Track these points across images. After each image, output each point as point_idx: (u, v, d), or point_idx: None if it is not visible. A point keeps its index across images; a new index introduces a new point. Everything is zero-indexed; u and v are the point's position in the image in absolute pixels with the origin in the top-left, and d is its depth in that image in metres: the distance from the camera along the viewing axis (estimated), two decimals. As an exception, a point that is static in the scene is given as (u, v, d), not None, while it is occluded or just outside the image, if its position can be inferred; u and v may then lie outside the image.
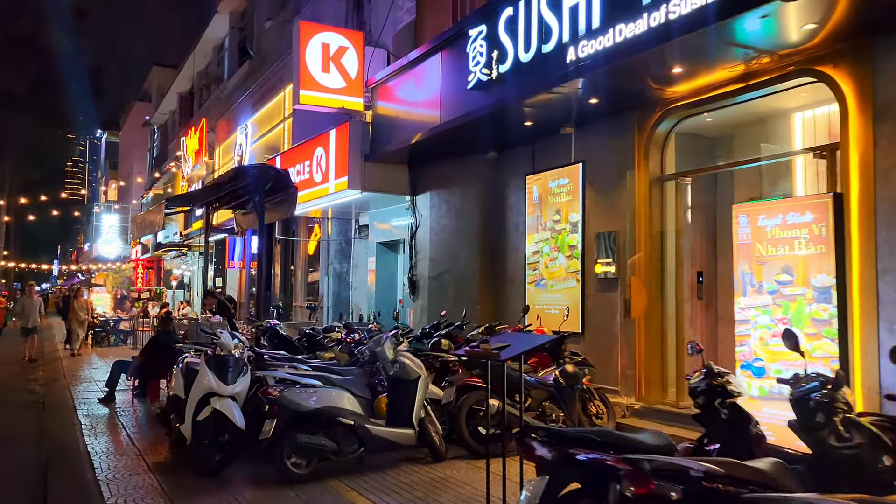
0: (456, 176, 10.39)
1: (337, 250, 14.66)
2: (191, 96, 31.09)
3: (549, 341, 4.93)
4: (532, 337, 5.72)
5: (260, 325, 9.50)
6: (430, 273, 10.63)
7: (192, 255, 25.55)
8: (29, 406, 10.02)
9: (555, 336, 5.33)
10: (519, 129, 8.88)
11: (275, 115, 15.51)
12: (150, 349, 9.60)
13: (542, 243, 8.98)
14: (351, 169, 10.61)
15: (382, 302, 12.94)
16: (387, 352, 6.22)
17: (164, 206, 9.47)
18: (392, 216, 12.49)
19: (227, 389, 5.95)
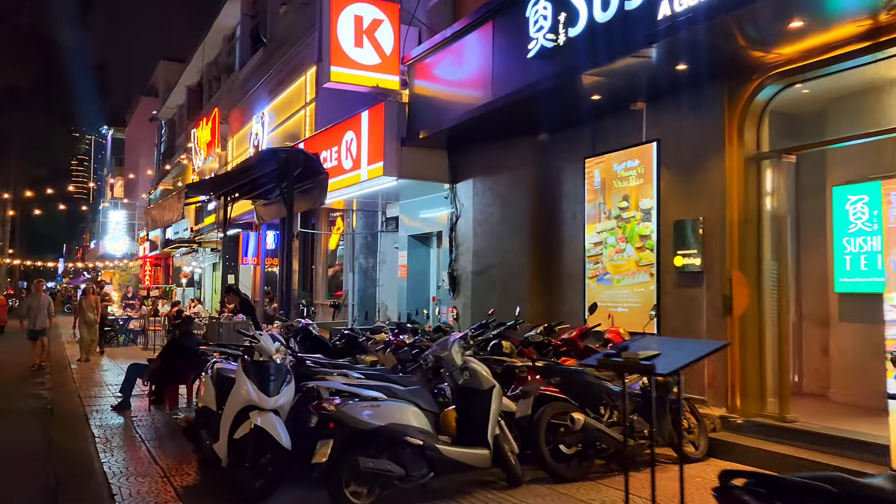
0: (502, 161, 9.46)
1: (362, 244, 13.74)
2: (200, 89, 30.25)
3: (716, 349, 3.90)
4: (691, 344, 4.72)
5: (290, 326, 8.59)
6: (474, 267, 9.70)
7: (203, 252, 24.67)
8: (35, 414, 9.13)
9: (723, 344, 4.33)
10: (579, 106, 7.93)
11: (295, 101, 14.60)
12: (168, 352, 8.70)
13: (606, 233, 8.04)
14: (386, 154, 9.68)
15: (414, 299, 12.03)
16: (455, 357, 5.30)
17: (183, 194, 8.56)
18: (424, 207, 11.57)
19: (270, 402, 5.04)
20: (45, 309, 13.66)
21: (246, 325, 9.70)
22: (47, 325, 13.78)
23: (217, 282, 24.50)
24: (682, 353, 3.28)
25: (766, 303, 6.44)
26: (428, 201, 11.40)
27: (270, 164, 9.04)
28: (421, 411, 4.94)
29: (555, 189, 8.96)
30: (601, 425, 5.55)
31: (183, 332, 8.94)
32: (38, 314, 13.52)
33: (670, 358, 3.14)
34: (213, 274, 25.83)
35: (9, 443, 7.56)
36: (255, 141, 16.68)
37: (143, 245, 35.63)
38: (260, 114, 16.76)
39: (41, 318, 13.55)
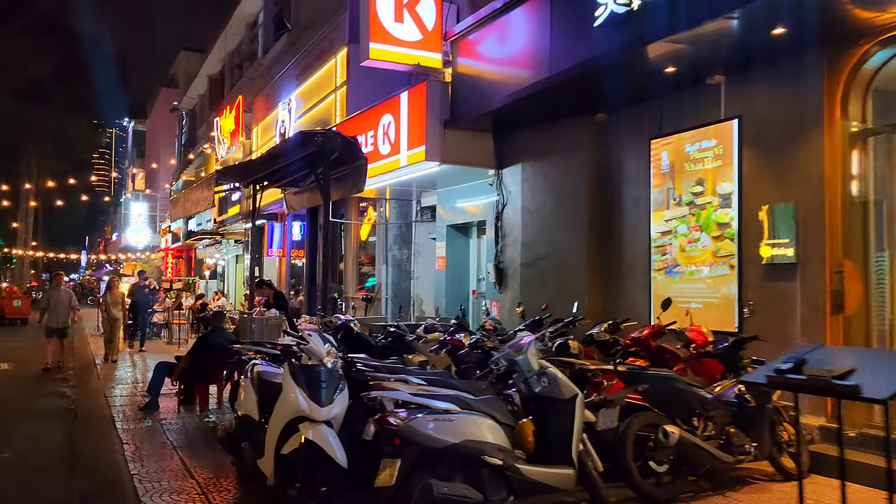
0: (555, 144, 8.74)
1: (396, 235, 13.10)
2: (221, 78, 29.77)
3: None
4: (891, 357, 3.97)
5: (328, 322, 7.96)
6: (523, 259, 9.01)
7: (226, 244, 24.19)
8: (58, 415, 8.60)
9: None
10: (646, 81, 7.21)
11: (324, 86, 13.95)
12: (198, 349, 8.12)
13: (677, 221, 7.30)
14: (429, 137, 9.00)
15: (452, 293, 11.38)
16: (531, 361, 4.62)
17: (213, 181, 7.95)
18: (464, 195, 10.89)
19: (322, 412, 4.40)
20: (67, 304, 12.14)
21: (278, 321, 9.10)
22: (70, 323, 12.26)
23: (241, 274, 24.02)
24: (885, 368, 2.57)
25: (872, 298, 5.69)
26: (468, 189, 10.72)
27: (304, 148, 8.38)
28: (498, 425, 4.27)
29: (614, 174, 8.23)
30: (697, 439, 4.86)
31: (213, 327, 8.35)
32: (58, 309, 12.02)
33: (877, 376, 2.44)
34: (236, 266, 25.38)
35: (30, 449, 7.01)
36: (282, 128, 16.07)
37: (165, 237, 35.34)
38: (286, 100, 16.14)
39: (62, 314, 12.04)
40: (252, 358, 7.03)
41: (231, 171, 8.60)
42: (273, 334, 9.01)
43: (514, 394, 5.00)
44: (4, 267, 54.85)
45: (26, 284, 39.06)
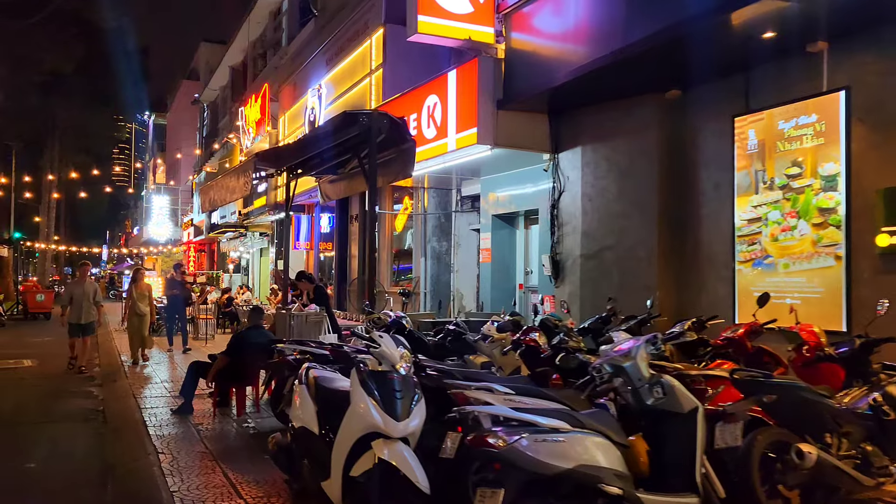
0: (619, 125, 8.00)
1: (435, 226, 12.43)
2: (244, 68, 29.31)
3: None
4: None
5: (377, 319, 7.31)
6: (584, 250, 8.29)
7: (251, 237, 23.68)
8: (86, 418, 8.01)
9: None
10: (731, 52, 6.47)
11: (357, 69, 13.29)
12: (236, 348, 7.49)
13: (768, 207, 6.55)
14: (481, 118, 8.30)
15: (498, 287, 10.69)
16: (641, 367, 3.92)
17: (251, 166, 7.29)
18: (511, 182, 10.18)
19: (399, 428, 3.74)
20: (91, 298, 11.13)
21: (319, 318, 8.47)
22: (94, 319, 11.27)
23: (266, 268, 23.52)
24: None
25: None
26: (515, 176, 10.01)
27: (347, 130, 7.72)
28: (612, 445, 3.58)
29: (688, 155, 7.48)
30: (835, 460, 4.13)
31: (251, 325, 7.73)
32: (82, 304, 11.02)
33: None
34: (260, 260, 24.89)
35: (56, 456, 6.43)
36: (311, 116, 15.43)
37: (187, 230, 35.00)
38: (316, 86, 15.50)
39: (86, 310, 11.02)
40: (298, 359, 6.43)
41: (269, 156, 7.94)
42: (313, 332, 8.39)
43: (607, 403, 4.32)
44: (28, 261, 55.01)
45: (48, 278, 38.95)
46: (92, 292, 11.23)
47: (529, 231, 10.64)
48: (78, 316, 11.01)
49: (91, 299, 11.14)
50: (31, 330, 20.04)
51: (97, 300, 11.30)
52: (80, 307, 11.02)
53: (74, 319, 11.02)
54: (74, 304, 11.06)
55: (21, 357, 13.57)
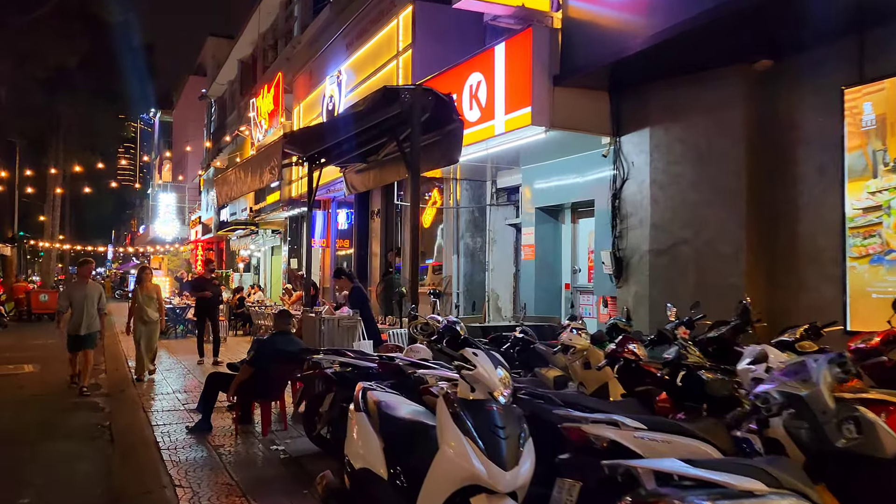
0: (696, 101, 7.02)
1: (468, 221, 11.46)
2: (253, 61, 28.45)
3: None
4: None
5: (424, 325, 6.34)
6: (653, 245, 7.31)
7: (263, 234, 22.75)
8: (90, 436, 7.07)
9: None
10: (842, 11, 5.48)
11: (382, 52, 12.32)
12: (261, 358, 6.53)
13: (889, 193, 5.56)
14: (535, 97, 7.34)
15: (542, 287, 9.71)
16: (826, 397, 2.94)
17: (279, 149, 6.27)
18: (558, 171, 9.21)
19: (507, 480, 2.80)
20: (96, 302, 9.24)
21: (353, 322, 7.51)
22: (98, 329, 9.38)
23: (278, 267, 22.58)
24: None
25: None
26: (562, 164, 9.04)
27: (386, 109, 6.75)
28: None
29: (783, 134, 6.49)
30: None
31: (278, 330, 6.76)
32: (83, 311, 9.05)
33: None
34: (272, 258, 23.96)
35: (56, 485, 5.49)
36: (329, 105, 14.48)
37: (194, 228, 34.11)
38: (334, 73, 14.54)
39: (88, 318, 9.08)
40: (338, 372, 5.47)
41: (298, 137, 6.95)
42: (345, 338, 7.45)
43: (751, 438, 3.35)
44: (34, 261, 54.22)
45: (54, 278, 38.11)
46: (96, 296, 9.27)
47: (577, 225, 9.67)
48: (78, 325, 9.07)
49: (95, 305, 9.24)
50: (33, 332, 19.17)
51: (101, 306, 9.37)
52: (81, 314, 9.05)
53: (74, 330, 9.08)
54: (75, 311, 9.10)
55: (22, 361, 12.67)
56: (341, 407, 5.33)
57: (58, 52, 34.31)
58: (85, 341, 9.11)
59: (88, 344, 9.16)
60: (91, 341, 9.21)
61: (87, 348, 9.15)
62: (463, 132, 7.03)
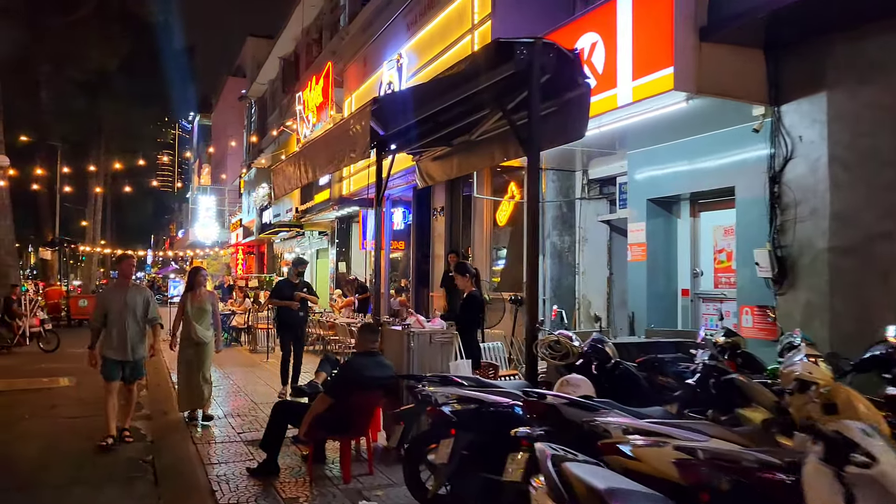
0: (893, 55, 5.43)
1: (555, 217, 9.97)
2: (296, 58, 27.48)
3: None
4: None
5: (553, 344, 4.85)
6: (834, 241, 5.72)
7: (309, 236, 21.55)
8: (127, 478, 5.75)
9: None
10: None
11: (452, 28, 10.93)
12: (342, 385, 5.13)
13: None
14: (679, 54, 5.83)
15: (654, 294, 8.16)
16: None
17: (367, 113, 4.87)
18: (675, 154, 7.67)
19: None
20: (143, 314, 6.69)
21: (449, 337, 6.08)
22: (144, 355, 6.78)
23: (324, 271, 21.34)
24: None
25: None
26: (683, 147, 7.51)
27: (494, 71, 5.29)
28: None
29: None
30: None
31: (363, 349, 5.34)
32: (125, 327, 6.52)
33: None
34: (317, 262, 22.74)
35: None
36: (388, 91, 13.14)
37: (235, 231, 33.23)
38: (393, 57, 13.21)
39: (132, 335, 6.56)
40: (460, 411, 4.04)
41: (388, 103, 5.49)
42: (438, 358, 6.02)
43: None
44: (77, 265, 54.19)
45: (95, 282, 37.65)
46: (141, 304, 6.69)
47: (698, 219, 8.11)
48: (119, 346, 6.49)
49: (143, 316, 6.69)
50: (72, 338, 18.14)
51: (152, 316, 6.78)
52: (122, 331, 6.50)
53: (115, 353, 6.51)
54: (113, 326, 6.52)
55: (57, 374, 11.54)
56: (463, 456, 3.92)
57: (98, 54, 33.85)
58: (127, 370, 6.66)
59: (134, 374, 6.75)
60: (137, 371, 6.76)
61: (132, 380, 6.77)
62: (590, 99, 5.55)
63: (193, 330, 7.39)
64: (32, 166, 31.74)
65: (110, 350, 6.58)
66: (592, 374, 4.38)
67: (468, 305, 6.63)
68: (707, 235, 7.96)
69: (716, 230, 7.80)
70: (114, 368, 6.62)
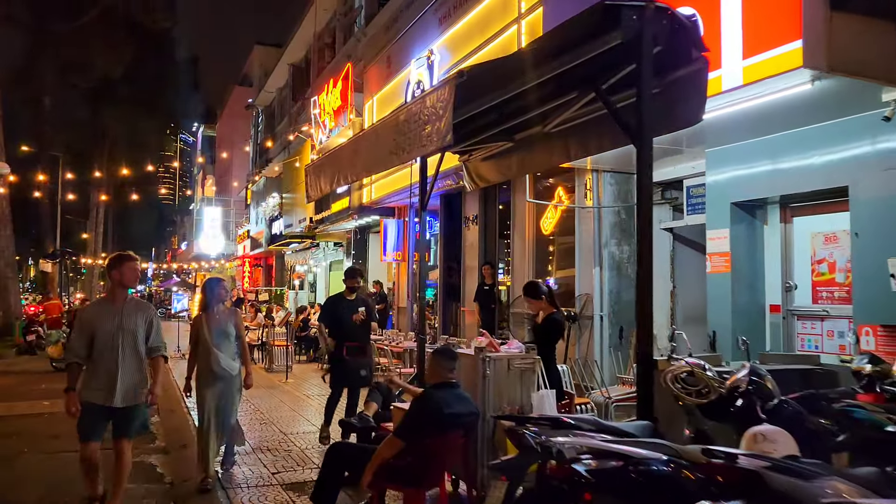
0: None
1: (613, 225, 9.03)
2: (306, 64, 26.71)
3: None
4: None
5: (687, 376, 3.87)
6: None
7: (324, 248, 20.58)
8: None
9: None
10: None
11: (493, 19, 10.02)
12: (422, 425, 4.13)
13: None
14: (808, 24, 4.90)
15: (738, 309, 7.18)
16: None
17: (454, 86, 3.95)
18: (763, 152, 6.74)
19: None
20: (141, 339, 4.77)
21: (529, 364, 5.09)
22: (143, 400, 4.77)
23: (337, 283, 20.35)
24: None
25: None
26: (778, 141, 6.57)
27: (592, 42, 4.35)
28: None
29: None
30: None
31: (440, 379, 4.34)
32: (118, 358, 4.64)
33: None
34: (329, 274, 21.76)
35: None
36: (417, 91, 12.24)
37: (242, 243, 32.27)
38: (423, 54, 12.30)
39: (126, 370, 4.65)
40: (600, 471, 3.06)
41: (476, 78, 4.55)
42: (517, 387, 5.03)
43: None
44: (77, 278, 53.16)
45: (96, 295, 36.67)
46: (144, 327, 4.80)
47: (790, 226, 7.15)
48: (109, 384, 4.59)
49: (141, 342, 4.77)
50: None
51: (155, 345, 4.84)
52: (113, 364, 4.62)
53: (98, 394, 4.60)
54: (100, 357, 4.64)
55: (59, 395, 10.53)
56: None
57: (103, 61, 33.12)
58: (120, 420, 4.67)
59: (127, 427, 4.73)
60: (132, 422, 4.75)
61: (124, 436, 4.72)
62: (707, 74, 4.60)
63: (215, 360, 5.61)
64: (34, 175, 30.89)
65: (93, 391, 4.59)
66: (750, 417, 3.40)
67: (549, 329, 5.67)
68: (802, 243, 7.00)
69: (814, 237, 6.85)
70: (95, 420, 4.60)
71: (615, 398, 6.99)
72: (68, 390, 4.67)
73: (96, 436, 4.66)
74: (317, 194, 7.08)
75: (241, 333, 5.99)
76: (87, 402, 4.62)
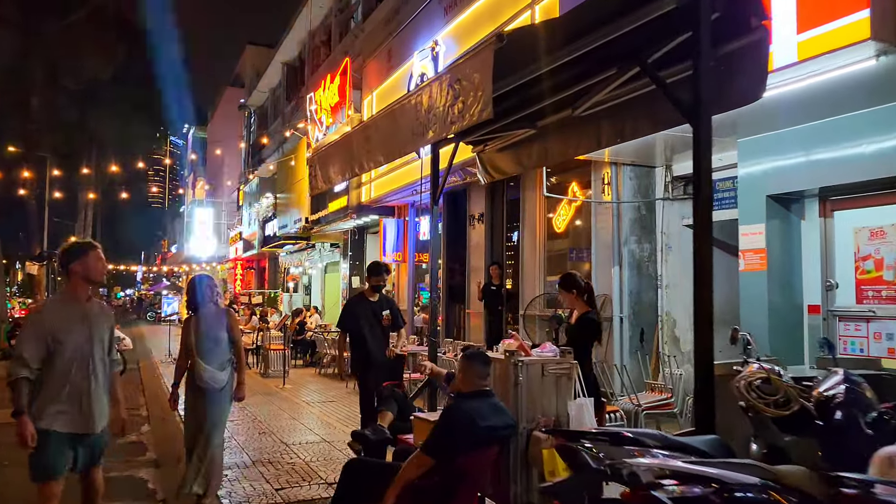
0: None
1: (633, 221, 8.54)
2: (300, 62, 26.21)
3: None
4: None
5: (763, 383, 3.37)
6: None
7: (320, 249, 20.02)
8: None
9: None
10: None
11: (504, 6, 9.53)
12: (455, 441, 3.61)
13: None
14: (875, -8, 4.43)
15: (774, 310, 6.70)
16: None
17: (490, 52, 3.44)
18: (805, 141, 6.26)
19: None
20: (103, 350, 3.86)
21: (565, 369, 4.57)
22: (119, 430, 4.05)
23: (335, 285, 19.78)
24: None
25: None
26: (817, 129, 6.10)
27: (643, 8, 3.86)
28: None
29: None
30: None
31: (474, 388, 3.81)
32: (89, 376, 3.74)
33: None
34: (325, 276, 21.20)
35: None
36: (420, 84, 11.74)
37: (234, 245, 31.63)
38: (427, 45, 11.81)
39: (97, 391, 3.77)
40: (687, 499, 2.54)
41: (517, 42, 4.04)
42: (551, 394, 4.52)
43: None
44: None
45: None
46: (108, 333, 3.97)
47: (829, 220, 6.69)
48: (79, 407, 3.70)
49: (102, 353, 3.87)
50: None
51: (114, 357, 4.05)
52: (84, 381, 3.73)
53: (66, 422, 3.66)
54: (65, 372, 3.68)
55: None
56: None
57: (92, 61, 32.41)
58: (90, 447, 3.81)
59: (101, 452, 3.91)
60: (105, 445, 3.93)
61: (95, 465, 3.88)
62: (769, 48, 4.13)
63: (198, 373, 4.94)
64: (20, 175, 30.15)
65: (59, 417, 3.63)
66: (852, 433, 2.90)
67: (583, 330, 5.17)
68: (844, 239, 6.53)
69: (858, 233, 6.37)
70: (60, 452, 3.65)
71: (645, 406, 6.50)
72: (17, 414, 3.56)
73: (60, 471, 3.65)
74: (325, 185, 6.54)
75: (235, 336, 5.24)
76: (51, 432, 3.58)
